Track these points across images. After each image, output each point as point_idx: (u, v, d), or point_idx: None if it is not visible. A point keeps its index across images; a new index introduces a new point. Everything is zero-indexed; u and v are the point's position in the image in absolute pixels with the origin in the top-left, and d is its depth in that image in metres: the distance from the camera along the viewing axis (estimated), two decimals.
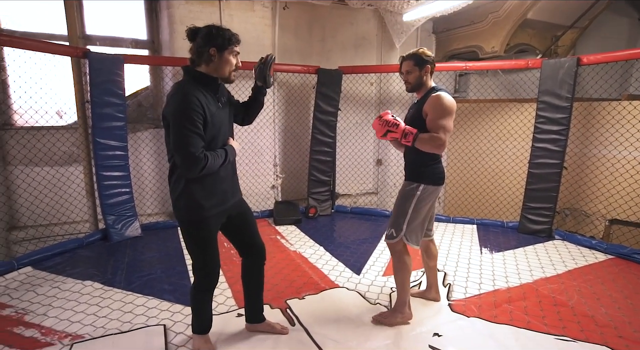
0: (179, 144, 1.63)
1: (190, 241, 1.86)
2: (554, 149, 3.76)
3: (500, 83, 5.29)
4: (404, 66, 2.21)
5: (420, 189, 2.18)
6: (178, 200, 1.79)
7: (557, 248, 3.55)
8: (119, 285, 2.77)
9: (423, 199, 2.18)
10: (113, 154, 3.67)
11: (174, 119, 1.65)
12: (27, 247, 3.71)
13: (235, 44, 1.75)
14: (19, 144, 3.59)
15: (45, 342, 2.09)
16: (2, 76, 3.64)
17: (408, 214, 2.18)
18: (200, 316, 1.99)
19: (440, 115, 2.06)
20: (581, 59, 3.57)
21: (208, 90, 1.75)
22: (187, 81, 1.74)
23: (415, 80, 2.18)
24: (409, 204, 2.19)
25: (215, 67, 1.74)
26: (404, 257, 2.22)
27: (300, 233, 3.99)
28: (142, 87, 4.42)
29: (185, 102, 1.63)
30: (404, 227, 2.19)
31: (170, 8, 4.03)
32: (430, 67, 2.15)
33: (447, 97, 2.08)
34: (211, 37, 1.70)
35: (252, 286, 2.13)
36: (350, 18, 5.08)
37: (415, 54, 2.17)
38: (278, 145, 4.85)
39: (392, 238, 2.21)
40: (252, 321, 2.18)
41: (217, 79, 1.77)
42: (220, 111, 1.81)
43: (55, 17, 3.69)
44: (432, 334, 2.18)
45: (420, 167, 2.21)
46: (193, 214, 1.78)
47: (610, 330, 2.23)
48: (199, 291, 1.94)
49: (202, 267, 1.89)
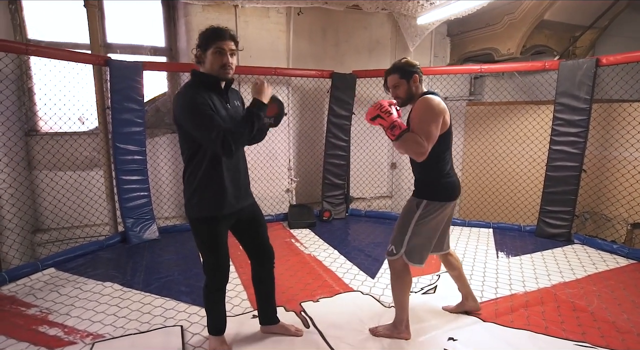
0: (201, 132, 1.66)
1: (201, 240, 1.90)
2: (572, 151, 3.69)
3: (517, 85, 5.22)
4: (390, 81, 2.04)
5: (422, 205, 2.04)
6: (190, 198, 1.83)
7: (577, 252, 3.47)
8: (137, 286, 2.83)
9: (426, 216, 2.04)
10: (132, 159, 3.77)
11: (183, 112, 1.68)
12: (50, 249, 3.83)
13: (217, 40, 1.72)
14: (43, 150, 3.72)
15: (68, 340, 2.16)
16: (28, 84, 3.79)
17: (408, 231, 2.06)
18: (213, 316, 2.03)
19: (422, 119, 1.89)
20: (600, 59, 3.50)
21: (212, 90, 1.77)
22: (191, 81, 1.80)
23: (405, 93, 2.02)
24: (409, 221, 2.07)
25: (205, 66, 1.77)
26: (403, 275, 2.11)
27: (315, 236, 4.01)
28: (160, 93, 4.53)
29: (190, 93, 1.69)
30: (404, 245, 2.07)
31: (188, 16, 4.14)
32: (418, 77, 2.00)
33: (434, 99, 1.92)
34: (199, 39, 1.76)
35: (263, 289, 2.15)
36: (364, 22, 5.10)
37: (399, 67, 2.01)
38: (292, 149, 4.90)
39: (392, 255, 2.10)
40: (266, 323, 2.20)
41: (218, 79, 1.78)
42: (229, 112, 1.81)
43: (78, 27, 3.83)
44: (447, 338, 2.16)
45: (424, 182, 2.09)
46: (204, 212, 1.82)
47: (633, 336, 2.17)
48: (210, 291, 1.98)
49: (211, 266, 1.93)
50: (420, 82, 2.03)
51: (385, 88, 2.11)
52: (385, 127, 1.93)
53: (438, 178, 2.05)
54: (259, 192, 4.64)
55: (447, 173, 2.06)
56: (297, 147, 5.00)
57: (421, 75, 2.02)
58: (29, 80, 3.79)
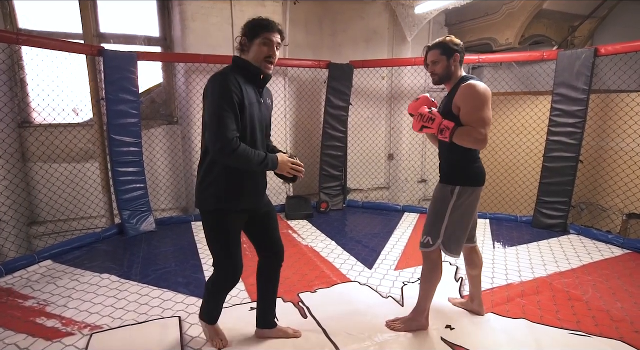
0: (211, 122, 1.62)
1: (214, 234, 1.80)
2: (569, 142, 3.69)
3: (515, 75, 5.19)
4: (430, 56, 1.98)
5: (456, 191, 1.96)
6: (206, 189, 1.74)
7: (572, 242, 3.50)
8: (134, 278, 2.84)
9: (462, 203, 1.96)
10: (127, 150, 3.74)
11: (210, 96, 1.64)
12: (46, 241, 3.82)
13: (265, 30, 1.70)
14: (37, 141, 3.68)
15: (66, 332, 2.16)
16: (20, 75, 3.74)
17: (445, 219, 1.98)
18: (212, 308, 1.98)
19: (475, 107, 1.83)
20: (599, 49, 3.49)
21: (249, 78, 1.74)
22: (230, 66, 1.76)
23: (443, 70, 1.95)
24: (444, 209, 1.98)
25: (248, 55, 1.74)
26: (437, 267, 2.05)
27: (312, 227, 4.01)
28: (155, 84, 4.48)
29: (224, 81, 1.63)
30: (441, 234, 1.99)
31: (182, 5, 4.07)
32: (459, 56, 1.94)
33: (480, 85, 1.85)
34: (245, 27, 1.73)
35: (268, 287, 2.06)
36: (361, 12, 5.04)
37: (442, 43, 1.96)
38: (289, 140, 4.87)
39: (428, 246, 2.02)
40: (264, 326, 2.09)
41: (259, 69, 1.74)
42: (261, 106, 1.79)
43: (70, 16, 3.77)
44: (445, 326, 2.18)
45: (455, 167, 2.00)
46: (221, 204, 1.74)
47: (626, 325, 2.19)
48: (218, 289, 1.90)
49: (224, 263, 1.83)
50: (460, 63, 1.98)
51: (424, 65, 2.05)
52: (436, 133, 1.91)
53: (470, 162, 1.98)
54: None
55: (477, 157, 2.00)
56: (293, 138, 4.98)
57: (463, 56, 1.97)
58: (20, 70, 3.73)
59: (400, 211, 4.60)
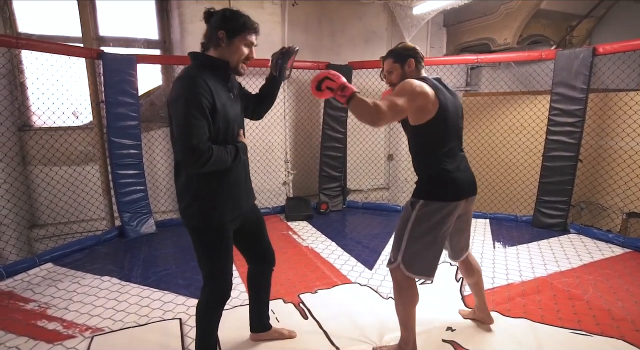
0: (180, 132, 1.46)
1: (204, 249, 1.66)
2: (568, 141, 3.70)
3: (513, 75, 5.20)
4: (385, 66, 1.91)
5: (417, 206, 1.76)
6: (190, 206, 1.60)
7: (572, 242, 3.50)
8: (135, 280, 2.84)
9: (424, 219, 1.75)
10: (127, 153, 3.75)
11: (177, 103, 1.48)
12: (47, 244, 3.82)
13: (249, 32, 1.59)
14: (37, 145, 3.69)
15: (67, 334, 2.16)
16: (20, 79, 3.75)
17: (404, 237, 1.78)
18: (207, 337, 1.77)
19: (396, 92, 1.66)
20: (597, 48, 3.50)
21: (218, 76, 1.59)
22: (194, 66, 1.58)
23: (399, 79, 1.82)
24: (404, 225, 1.80)
25: (222, 53, 1.58)
26: (405, 289, 1.83)
27: (312, 228, 4.02)
28: (154, 87, 4.49)
29: (192, 85, 1.47)
30: (400, 252, 1.79)
31: (181, 8, 4.08)
32: (413, 61, 1.82)
33: (415, 81, 1.68)
34: (224, 20, 1.57)
35: (261, 293, 2.01)
36: (359, 12, 5.05)
37: (393, 51, 1.88)
38: (289, 141, 4.88)
39: (390, 263, 1.86)
40: (258, 330, 2.06)
41: (228, 64, 1.60)
42: (232, 102, 1.66)
43: (69, 20, 3.77)
44: (446, 328, 2.19)
45: (421, 178, 1.83)
46: (209, 218, 1.61)
47: (627, 324, 2.20)
48: (210, 307, 1.74)
49: (215, 277, 1.70)
50: (417, 67, 1.84)
51: (382, 76, 1.97)
52: (335, 88, 1.60)
53: (437, 174, 1.77)
54: (255, 185, 4.63)
55: (448, 169, 1.76)
56: (293, 139, 4.98)
57: (419, 60, 1.84)
58: (20, 74, 3.74)
59: (400, 212, 4.58)
